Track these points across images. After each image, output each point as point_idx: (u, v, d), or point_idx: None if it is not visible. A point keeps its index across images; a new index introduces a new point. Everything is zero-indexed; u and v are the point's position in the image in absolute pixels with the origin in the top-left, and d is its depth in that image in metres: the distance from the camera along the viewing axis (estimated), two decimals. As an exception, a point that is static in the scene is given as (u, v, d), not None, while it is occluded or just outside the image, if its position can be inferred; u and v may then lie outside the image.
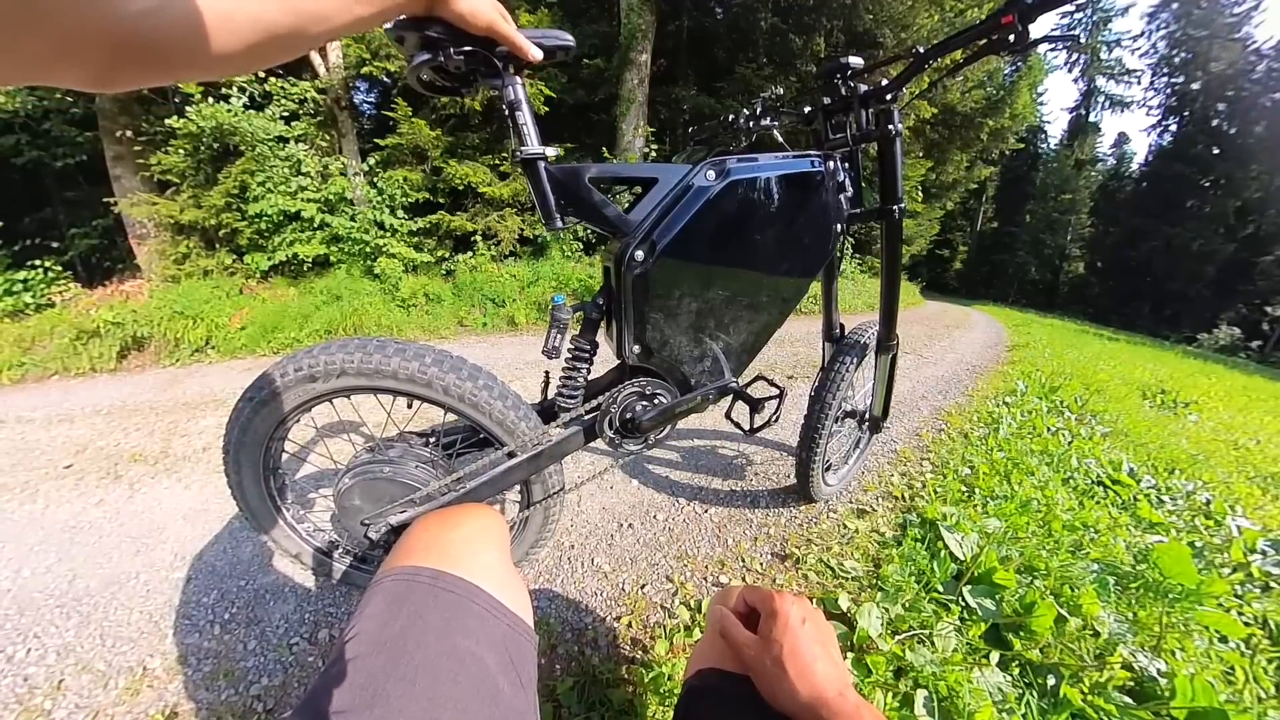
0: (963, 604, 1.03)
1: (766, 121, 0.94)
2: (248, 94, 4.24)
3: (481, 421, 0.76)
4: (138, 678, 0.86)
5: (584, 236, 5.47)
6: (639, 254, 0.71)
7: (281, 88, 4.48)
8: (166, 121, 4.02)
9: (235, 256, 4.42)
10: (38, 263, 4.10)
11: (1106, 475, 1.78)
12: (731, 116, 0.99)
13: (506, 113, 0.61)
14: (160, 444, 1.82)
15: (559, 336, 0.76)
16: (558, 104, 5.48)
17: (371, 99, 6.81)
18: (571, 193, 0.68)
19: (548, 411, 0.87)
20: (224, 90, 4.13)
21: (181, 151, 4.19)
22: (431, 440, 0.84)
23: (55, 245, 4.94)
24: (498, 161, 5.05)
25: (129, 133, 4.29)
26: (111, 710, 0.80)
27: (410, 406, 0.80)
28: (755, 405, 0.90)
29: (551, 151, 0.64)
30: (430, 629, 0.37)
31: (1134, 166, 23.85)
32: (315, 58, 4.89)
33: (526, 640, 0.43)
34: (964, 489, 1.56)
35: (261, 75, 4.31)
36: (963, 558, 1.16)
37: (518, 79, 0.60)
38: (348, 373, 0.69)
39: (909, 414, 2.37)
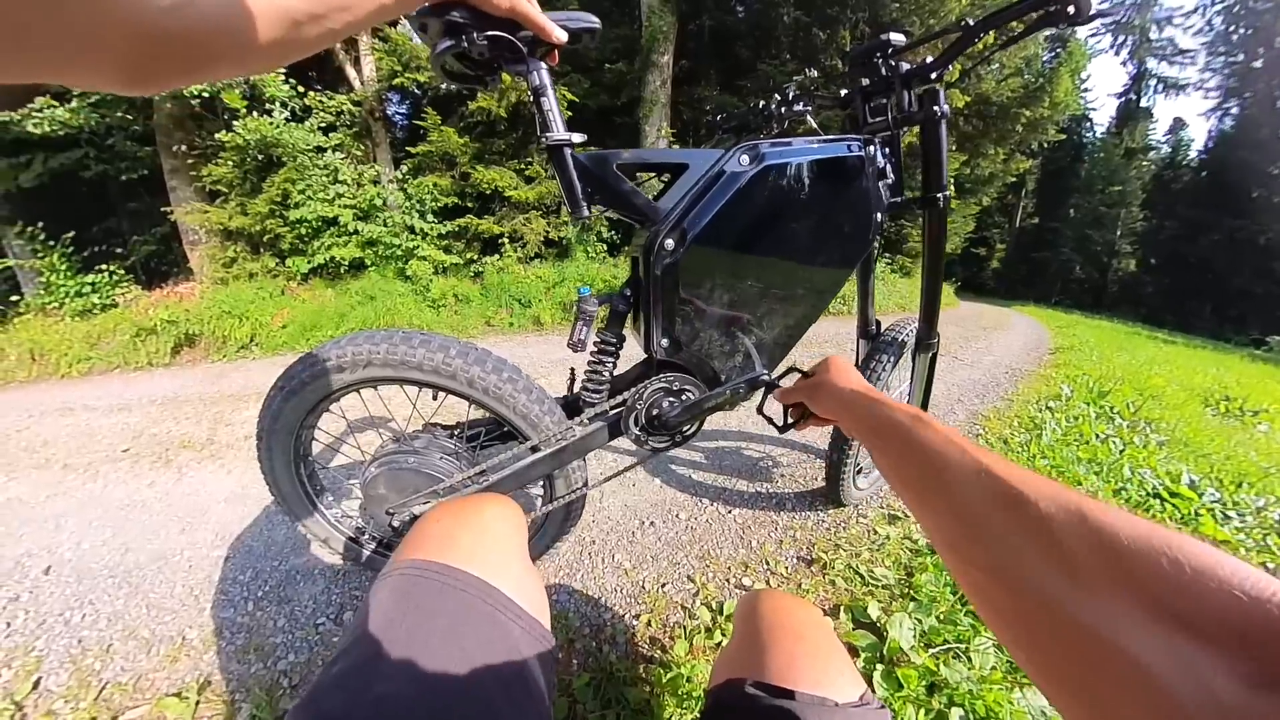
0: (1002, 617, 0.97)
1: (799, 107, 0.91)
2: (289, 108, 4.46)
3: (505, 414, 0.76)
4: (177, 646, 0.91)
5: (608, 238, 5.50)
6: (669, 243, 0.69)
7: (320, 101, 4.71)
8: (216, 135, 4.28)
9: (278, 260, 4.66)
10: (104, 267, 4.45)
11: (1164, 487, 1.65)
12: (762, 103, 0.96)
13: (531, 99, 0.61)
14: (207, 432, 1.93)
15: (584, 329, 0.75)
16: (581, 108, 5.54)
17: (403, 110, 7.05)
18: (598, 180, 0.67)
19: (572, 406, 0.87)
20: (267, 105, 4.37)
21: (230, 163, 4.45)
22: (456, 433, 0.85)
23: (119, 251, 5.32)
24: (523, 166, 5.14)
25: (183, 147, 4.59)
26: (152, 675, 0.85)
27: (435, 399, 0.81)
28: None
29: (578, 138, 0.63)
30: (436, 631, 0.34)
31: (1191, 154, 22.01)
32: (350, 71, 5.12)
33: (543, 645, 0.40)
34: (1005, 497, 1.47)
35: (301, 89, 4.53)
36: (1005, 569, 1.09)
37: (542, 64, 0.59)
38: (374, 363, 0.70)
39: (944, 418, 2.26)
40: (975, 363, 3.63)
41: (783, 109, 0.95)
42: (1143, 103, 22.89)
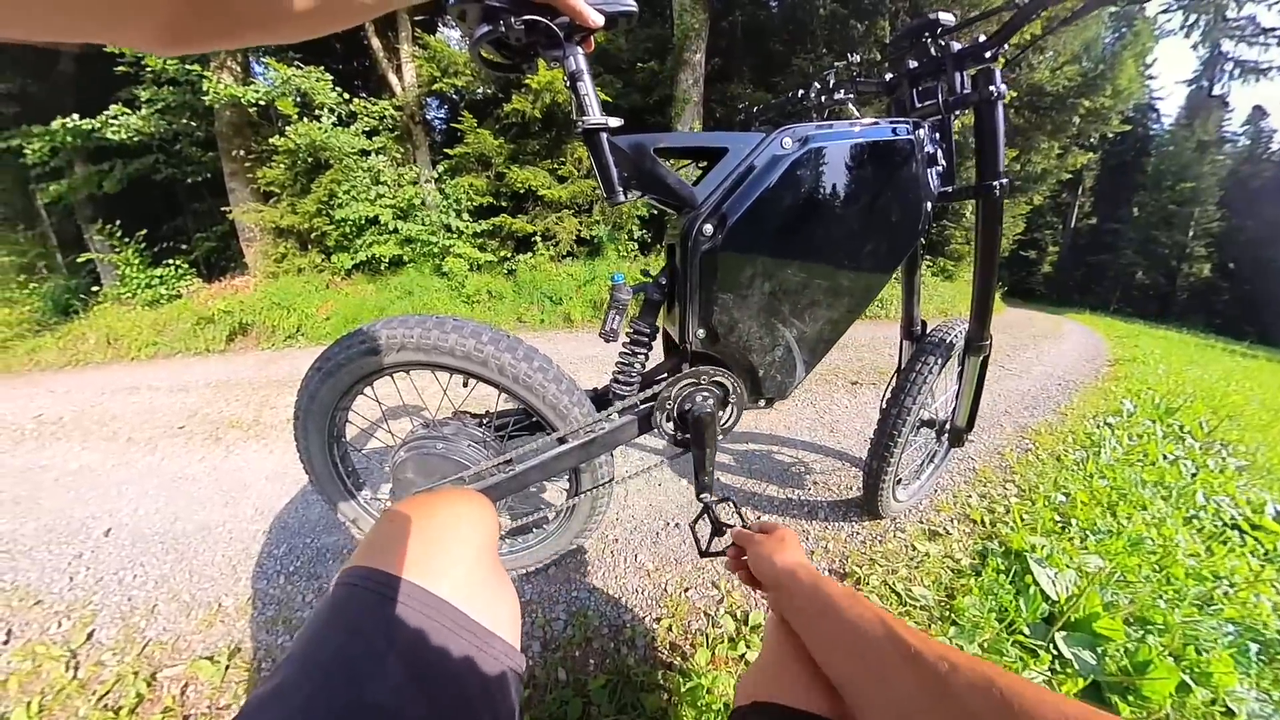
0: (1055, 652, 0.88)
1: (840, 95, 0.86)
2: (336, 114, 4.71)
3: (534, 404, 0.76)
4: (213, 612, 0.96)
5: (640, 237, 5.49)
6: (707, 228, 0.66)
7: (364, 107, 4.94)
8: (271, 140, 4.56)
9: (324, 256, 4.91)
10: (170, 262, 4.84)
11: (1244, 518, 1.48)
12: (800, 92, 0.92)
13: (567, 84, 0.60)
14: (254, 414, 2.06)
15: (617, 319, 0.72)
16: (613, 109, 5.55)
17: (441, 114, 7.30)
18: (635, 165, 0.65)
19: (602, 399, 0.85)
20: (316, 111, 4.63)
21: (282, 166, 4.73)
22: (485, 421, 0.85)
23: (184, 248, 5.77)
24: (556, 166, 5.21)
25: (241, 151, 4.93)
26: (189, 637, 0.90)
27: (466, 385, 0.81)
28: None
29: (614, 122, 0.62)
30: (371, 655, 0.30)
31: (1274, 147, 19.86)
32: (392, 78, 5.35)
33: (501, 664, 0.35)
34: (1057, 519, 1.36)
35: (347, 96, 4.77)
36: (1056, 598, 1.00)
37: (579, 49, 0.58)
38: (408, 347, 0.71)
39: (990, 430, 2.12)
40: (1024, 372, 3.40)
41: (823, 97, 0.90)
42: (1217, 90, 20.28)
